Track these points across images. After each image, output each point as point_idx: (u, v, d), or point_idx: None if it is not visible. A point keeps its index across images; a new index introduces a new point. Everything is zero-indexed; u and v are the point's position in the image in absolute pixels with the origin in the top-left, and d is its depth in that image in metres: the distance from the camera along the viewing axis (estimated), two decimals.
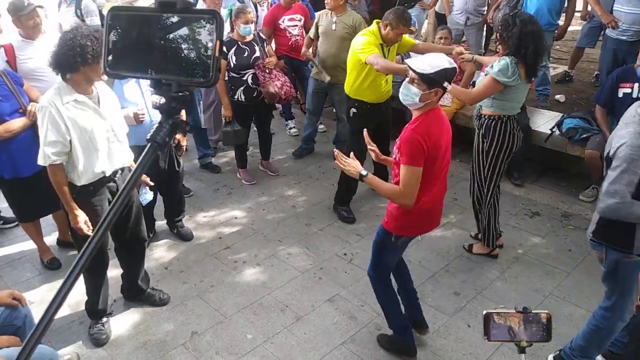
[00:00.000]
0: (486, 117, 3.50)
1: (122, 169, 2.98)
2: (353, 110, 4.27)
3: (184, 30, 0.83)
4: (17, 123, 3.30)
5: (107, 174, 2.86)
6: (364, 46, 3.87)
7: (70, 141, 2.68)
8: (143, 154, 0.87)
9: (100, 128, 2.76)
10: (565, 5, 5.67)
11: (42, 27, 3.90)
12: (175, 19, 0.83)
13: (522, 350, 1.62)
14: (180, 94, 0.88)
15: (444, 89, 2.47)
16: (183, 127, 0.90)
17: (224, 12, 4.93)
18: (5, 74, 3.37)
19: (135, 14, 0.87)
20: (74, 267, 0.80)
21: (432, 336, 3.14)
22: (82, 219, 2.82)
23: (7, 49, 3.67)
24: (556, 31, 5.77)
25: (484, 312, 1.61)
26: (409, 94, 2.47)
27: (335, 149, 2.69)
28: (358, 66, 4.03)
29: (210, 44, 0.82)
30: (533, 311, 1.60)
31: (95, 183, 2.83)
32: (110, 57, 0.88)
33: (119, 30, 0.87)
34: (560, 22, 5.87)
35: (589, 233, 2.64)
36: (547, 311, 1.60)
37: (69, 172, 2.80)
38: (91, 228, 2.82)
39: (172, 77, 0.86)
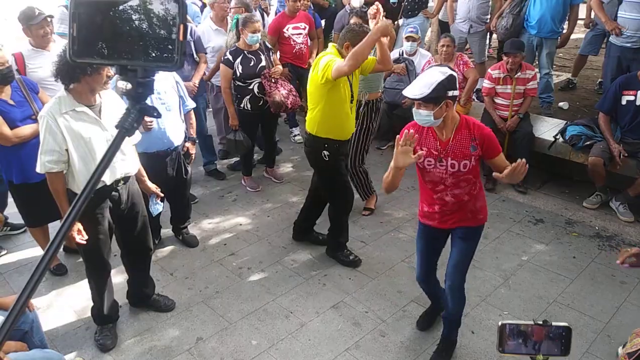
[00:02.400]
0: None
1: (125, 179, 2.99)
2: (325, 152, 3.62)
3: (147, 15, 0.84)
4: (27, 129, 3.34)
5: (108, 183, 2.86)
6: (327, 64, 3.31)
7: (68, 151, 2.72)
8: (112, 139, 0.88)
9: (99, 138, 2.78)
10: (568, 13, 5.70)
11: (52, 37, 3.96)
12: (138, 3, 0.84)
13: None
14: (147, 79, 0.89)
15: (454, 98, 2.47)
16: (150, 112, 0.92)
17: (230, 21, 4.98)
18: (22, 81, 3.43)
19: (99, 0, 0.87)
20: (41, 259, 0.81)
21: (437, 342, 3.15)
22: (75, 227, 2.80)
23: (17, 58, 3.72)
24: (559, 39, 5.80)
25: (500, 323, 1.57)
26: (423, 118, 2.49)
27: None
28: (324, 96, 3.45)
29: (174, 28, 0.83)
30: (553, 324, 1.56)
31: (96, 192, 2.84)
32: (75, 45, 0.87)
33: (83, 17, 0.87)
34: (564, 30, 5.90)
35: None
36: (566, 324, 1.52)
37: (69, 181, 2.83)
38: (85, 237, 2.82)
39: (137, 62, 0.86)
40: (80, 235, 2.80)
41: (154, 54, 0.85)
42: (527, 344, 1.55)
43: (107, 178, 2.85)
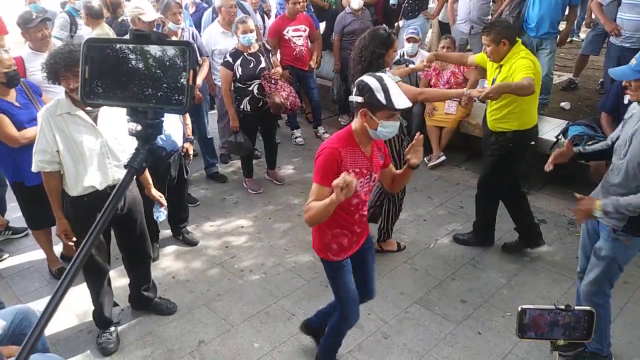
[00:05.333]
0: None
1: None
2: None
3: (158, 61, 0.87)
4: (33, 131, 3.35)
5: (99, 189, 2.85)
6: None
7: (59, 152, 2.75)
8: (122, 179, 0.91)
9: (92, 143, 2.77)
10: (567, 12, 5.69)
11: (51, 40, 3.97)
12: (150, 49, 0.87)
13: (556, 347, 1.54)
14: (156, 120, 0.91)
15: None
16: (159, 153, 0.96)
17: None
18: (25, 84, 3.48)
19: (111, 45, 0.90)
20: (63, 279, 0.83)
21: (439, 344, 3.14)
22: (62, 228, 2.94)
23: (17, 61, 3.72)
24: (557, 37, 5.77)
25: (520, 308, 1.52)
26: (395, 129, 2.35)
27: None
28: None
29: (184, 73, 0.86)
30: (576, 308, 1.50)
31: (88, 196, 2.85)
32: (87, 87, 0.90)
33: (95, 60, 0.89)
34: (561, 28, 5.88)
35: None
36: (589, 308, 1.51)
37: (65, 182, 2.86)
38: (74, 239, 2.95)
39: (147, 105, 0.89)
40: (68, 239, 2.95)
41: (164, 97, 0.88)
42: (547, 328, 1.51)
43: (98, 184, 2.84)
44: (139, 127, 0.91)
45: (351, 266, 2.63)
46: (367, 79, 2.30)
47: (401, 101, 2.25)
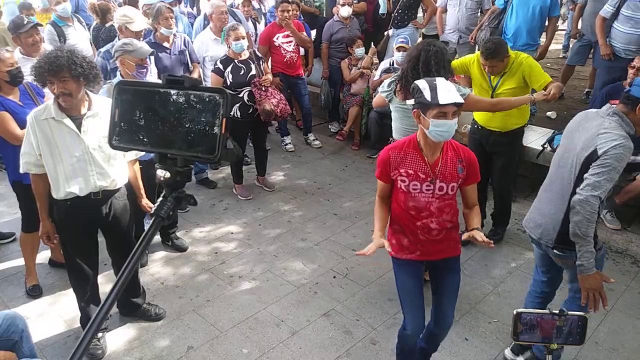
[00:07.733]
0: None
1: (104, 193, 2.92)
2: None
3: (191, 107, 0.84)
4: None
5: (80, 195, 2.84)
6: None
7: (42, 156, 2.77)
8: (148, 227, 0.89)
9: (75, 149, 2.77)
10: (546, 25, 5.77)
11: (42, 45, 3.98)
12: (183, 95, 0.84)
13: (550, 352, 1.58)
14: (186, 168, 0.89)
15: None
16: (188, 200, 0.93)
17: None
18: (28, 85, 3.49)
19: (143, 89, 0.88)
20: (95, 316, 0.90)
21: None
22: (44, 230, 3.00)
23: None
24: (537, 50, 5.85)
25: (515, 311, 1.54)
26: (450, 129, 2.44)
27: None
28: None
29: (217, 121, 0.83)
30: (569, 313, 1.53)
31: (71, 200, 2.85)
32: (116, 130, 0.88)
33: (126, 103, 0.87)
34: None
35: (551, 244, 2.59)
36: (582, 313, 1.55)
37: (51, 184, 2.87)
38: (54, 243, 3.07)
39: (178, 151, 0.86)
40: (49, 241, 3.03)
41: (194, 145, 0.84)
42: (542, 333, 1.55)
43: (78, 190, 2.83)
44: (168, 175, 0.89)
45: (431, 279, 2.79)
46: (419, 81, 2.41)
47: (446, 97, 2.32)
